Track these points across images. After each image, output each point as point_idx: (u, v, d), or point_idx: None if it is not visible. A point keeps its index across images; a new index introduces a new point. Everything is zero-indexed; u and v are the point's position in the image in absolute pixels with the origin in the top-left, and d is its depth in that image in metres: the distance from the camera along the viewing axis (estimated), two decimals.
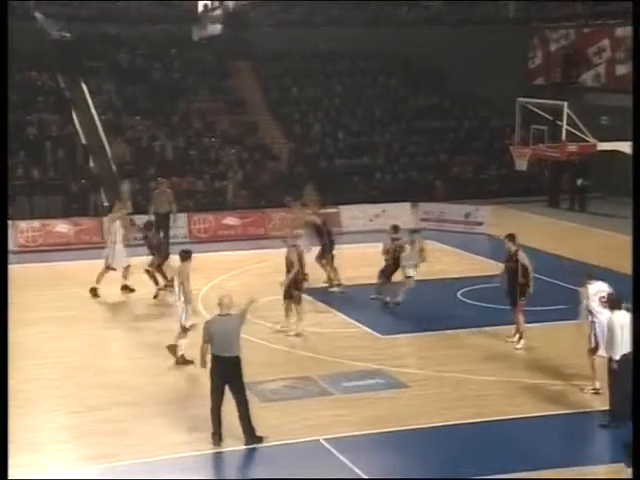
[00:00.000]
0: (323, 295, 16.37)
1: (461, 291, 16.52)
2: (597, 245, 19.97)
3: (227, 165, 25.78)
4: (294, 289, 13.91)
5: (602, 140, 17.81)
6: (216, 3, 31.00)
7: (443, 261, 17.84)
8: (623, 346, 10.41)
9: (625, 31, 26.02)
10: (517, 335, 13.82)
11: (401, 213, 23.44)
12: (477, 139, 28.65)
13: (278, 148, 27.20)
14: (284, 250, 14.32)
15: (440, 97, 29.75)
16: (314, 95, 28.76)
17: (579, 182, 25.88)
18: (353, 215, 23.30)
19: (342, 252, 20.26)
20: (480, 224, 23.10)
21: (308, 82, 29.09)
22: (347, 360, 13.14)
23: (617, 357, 10.51)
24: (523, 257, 13.60)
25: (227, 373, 10.17)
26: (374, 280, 16.35)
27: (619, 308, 10.64)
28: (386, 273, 15.86)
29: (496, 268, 18.23)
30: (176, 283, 12.97)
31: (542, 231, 21.46)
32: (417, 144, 27.97)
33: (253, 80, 29.10)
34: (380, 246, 16.20)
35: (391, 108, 28.92)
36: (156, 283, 16.41)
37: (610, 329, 10.62)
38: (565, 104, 17.19)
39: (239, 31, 29.60)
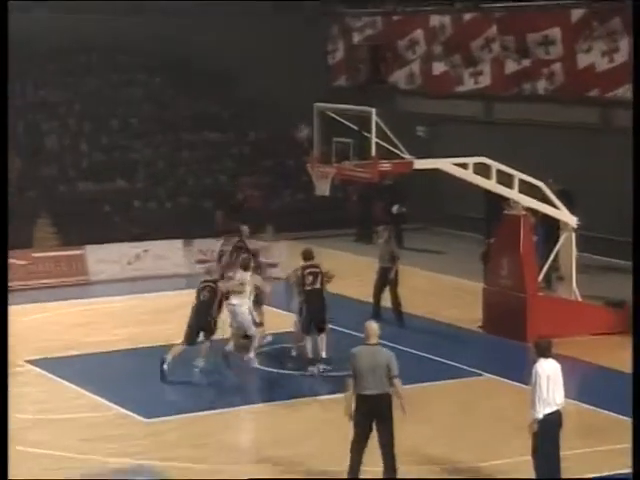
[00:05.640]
0: (60, 366, 16.01)
1: (251, 354, 16.45)
2: (413, 289, 20.61)
3: None
4: None
5: (419, 156, 18.41)
6: None
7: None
8: (548, 402, 10.74)
9: (442, 20, 27.28)
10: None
11: (170, 253, 23.49)
12: (266, 156, 29.16)
13: None
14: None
15: (219, 101, 30.14)
16: (48, 98, 28.34)
17: (394, 209, 26.77)
18: (104, 258, 23.04)
19: (87, 309, 19.63)
20: (273, 266, 23.22)
21: (39, 81, 28.66)
22: (97, 456, 12.76)
23: (540, 416, 10.75)
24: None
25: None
26: (131, 345, 16.12)
27: (546, 356, 10.92)
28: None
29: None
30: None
31: (350, 273, 21.92)
32: (189, 163, 28.16)
33: None
34: (142, 298, 16.07)
35: (154, 115, 29.04)
36: None
37: (534, 382, 10.84)
38: (373, 111, 17.64)
39: None
